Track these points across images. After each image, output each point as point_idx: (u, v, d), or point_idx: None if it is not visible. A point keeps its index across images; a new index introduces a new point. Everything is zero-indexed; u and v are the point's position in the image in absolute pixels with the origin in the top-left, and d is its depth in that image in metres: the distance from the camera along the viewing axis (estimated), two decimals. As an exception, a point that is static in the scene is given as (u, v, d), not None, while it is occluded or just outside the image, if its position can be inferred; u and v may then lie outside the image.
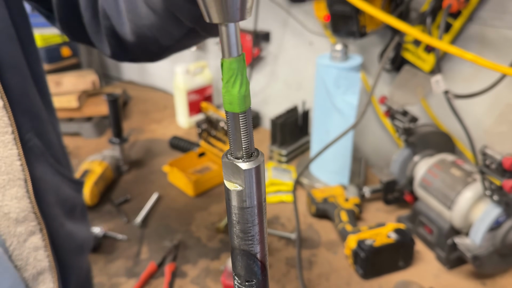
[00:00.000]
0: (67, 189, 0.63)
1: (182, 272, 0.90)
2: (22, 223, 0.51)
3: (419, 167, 0.99)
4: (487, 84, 0.90)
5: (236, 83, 0.28)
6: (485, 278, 0.86)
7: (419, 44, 1.02)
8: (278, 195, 1.13)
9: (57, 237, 0.58)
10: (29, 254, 0.52)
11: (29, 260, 0.52)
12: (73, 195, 0.65)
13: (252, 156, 0.29)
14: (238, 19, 0.27)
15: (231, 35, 0.28)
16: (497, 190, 0.80)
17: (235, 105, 0.29)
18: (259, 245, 0.31)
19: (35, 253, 0.52)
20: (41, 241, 0.53)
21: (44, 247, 0.53)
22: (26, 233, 0.51)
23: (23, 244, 0.51)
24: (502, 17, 0.90)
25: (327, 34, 1.23)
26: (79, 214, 0.68)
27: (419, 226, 0.97)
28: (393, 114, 1.03)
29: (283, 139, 1.29)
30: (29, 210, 0.52)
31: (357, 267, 0.88)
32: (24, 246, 0.51)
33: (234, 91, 0.28)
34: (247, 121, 0.29)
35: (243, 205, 0.29)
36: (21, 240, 0.51)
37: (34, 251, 0.52)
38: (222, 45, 0.28)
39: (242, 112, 0.29)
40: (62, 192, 0.62)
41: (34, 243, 0.52)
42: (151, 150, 1.40)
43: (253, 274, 0.31)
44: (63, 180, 0.62)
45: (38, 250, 0.53)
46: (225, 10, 0.26)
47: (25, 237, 0.51)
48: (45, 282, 0.54)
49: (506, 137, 0.96)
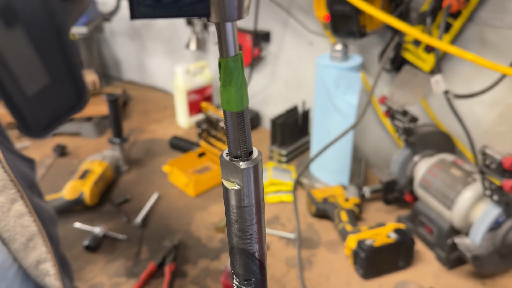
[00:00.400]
0: (23, 167, 0.63)
1: (182, 272, 0.90)
2: (2, 192, 0.51)
3: (419, 167, 0.99)
4: (487, 84, 0.90)
5: (233, 82, 0.28)
6: (485, 278, 0.86)
7: (419, 44, 1.02)
8: (278, 195, 1.13)
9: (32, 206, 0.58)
10: (15, 223, 0.52)
11: (16, 229, 0.52)
12: (29, 173, 0.65)
13: (250, 155, 0.30)
14: (235, 18, 0.27)
15: (228, 34, 0.28)
16: (497, 190, 0.80)
17: (232, 104, 0.29)
18: (257, 244, 0.31)
19: (20, 220, 0.52)
20: (24, 207, 0.53)
21: (28, 213, 0.53)
22: (8, 201, 0.51)
23: (7, 214, 0.51)
24: (502, 17, 0.90)
25: (327, 34, 1.23)
26: (37, 193, 0.68)
27: (419, 226, 0.97)
28: (393, 114, 1.03)
29: (283, 139, 1.29)
30: (6, 179, 0.51)
31: (357, 267, 0.88)
32: (9, 216, 0.51)
33: (231, 90, 0.29)
34: (244, 120, 0.29)
35: (241, 204, 0.29)
36: (4, 210, 0.51)
37: (19, 218, 0.52)
38: (219, 44, 0.28)
39: (239, 111, 0.29)
40: (20, 169, 0.61)
41: (18, 210, 0.52)
42: (151, 150, 1.40)
43: (252, 273, 0.31)
44: (17, 157, 0.62)
45: (23, 216, 0.53)
46: (223, 9, 0.26)
47: (8, 206, 0.51)
48: (36, 247, 0.54)
49: (506, 137, 0.96)
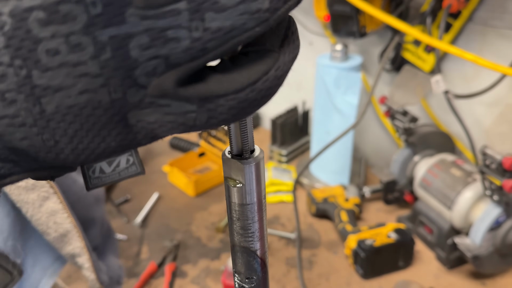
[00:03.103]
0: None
1: (182, 272, 0.90)
2: (32, 190, 0.51)
3: (419, 167, 0.99)
4: (487, 84, 0.90)
5: None
6: (485, 278, 0.86)
7: (419, 44, 1.02)
8: (278, 195, 1.13)
9: (73, 194, 0.58)
10: (48, 219, 0.53)
11: (49, 224, 0.53)
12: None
13: (252, 153, 0.30)
14: None
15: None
16: (497, 190, 0.80)
17: None
18: (259, 242, 0.31)
19: (53, 217, 0.53)
20: (57, 205, 0.53)
21: (62, 209, 0.54)
22: (39, 199, 0.52)
23: (39, 210, 0.52)
24: (502, 17, 0.90)
25: (327, 34, 1.23)
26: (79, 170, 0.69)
27: (419, 226, 0.97)
28: (393, 114, 1.03)
29: (283, 139, 1.29)
30: None
31: (357, 267, 0.88)
32: (41, 212, 0.52)
33: None
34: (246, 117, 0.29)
35: (243, 202, 0.29)
36: (36, 206, 0.52)
37: (52, 215, 0.53)
38: None
39: None
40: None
41: (51, 208, 0.53)
42: (151, 150, 1.40)
43: (253, 271, 0.31)
44: None
45: (56, 214, 0.53)
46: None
47: (39, 202, 0.52)
48: (71, 242, 0.55)
49: (506, 137, 0.96)
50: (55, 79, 0.20)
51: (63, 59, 0.19)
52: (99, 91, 0.20)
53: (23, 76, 0.20)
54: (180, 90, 0.21)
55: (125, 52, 0.20)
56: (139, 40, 0.20)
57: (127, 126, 0.22)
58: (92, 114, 0.21)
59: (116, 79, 0.20)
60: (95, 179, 0.28)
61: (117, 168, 0.29)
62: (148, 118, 0.21)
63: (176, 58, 0.20)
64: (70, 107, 0.20)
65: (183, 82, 0.21)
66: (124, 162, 0.28)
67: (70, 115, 0.21)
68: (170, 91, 0.21)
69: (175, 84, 0.21)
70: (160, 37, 0.20)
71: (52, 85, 0.20)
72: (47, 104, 0.20)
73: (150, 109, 0.21)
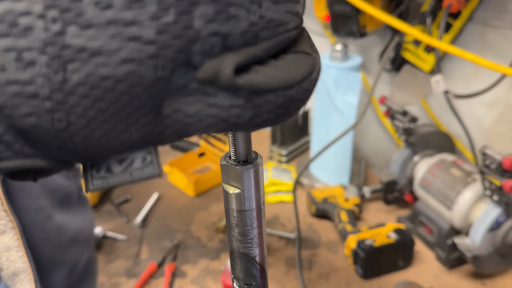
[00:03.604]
0: (56, 178, 0.58)
1: (182, 272, 0.90)
2: None
3: (419, 167, 0.99)
4: (487, 84, 0.90)
5: None
6: (485, 278, 0.86)
7: (419, 44, 1.02)
8: (278, 195, 1.13)
9: (41, 232, 0.54)
10: (1, 254, 0.48)
11: (2, 260, 0.48)
12: (65, 183, 0.60)
13: (250, 159, 0.29)
14: None
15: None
16: (497, 190, 0.80)
17: None
18: (258, 248, 0.31)
19: (7, 253, 0.49)
20: (13, 241, 0.49)
21: (17, 247, 0.49)
22: None
23: None
24: (502, 17, 0.90)
25: (327, 34, 1.23)
26: (76, 201, 0.63)
27: (419, 226, 0.97)
28: (393, 114, 1.03)
29: (283, 139, 1.29)
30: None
31: (357, 267, 0.88)
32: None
33: None
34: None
35: (242, 208, 0.29)
36: None
37: (5, 251, 0.49)
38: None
39: None
40: (51, 182, 0.56)
41: (5, 243, 0.48)
42: (151, 150, 1.40)
43: (252, 277, 0.31)
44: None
45: (10, 250, 0.49)
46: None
47: None
48: (22, 283, 0.50)
49: (506, 137, 0.96)
50: (97, 39, 0.16)
51: (114, 15, 0.16)
52: (145, 63, 0.17)
53: (54, 32, 0.16)
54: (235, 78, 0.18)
55: (190, 19, 0.17)
56: (205, 9, 0.17)
57: (159, 116, 0.18)
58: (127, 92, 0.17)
59: (169, 50, 0.17)
60: (98, 179, 0.23)
61: (130, 167, 0.23)
62: (187, 109, 0.18)
63: (233, 40, 0.18)
64: (103, 79, 0.17)
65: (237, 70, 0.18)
66: (139, 161, 0.23)
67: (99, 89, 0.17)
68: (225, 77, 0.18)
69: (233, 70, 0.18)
70: (223, 11, 0.17)
71: (90, 47, 0.16)
72: (74, 72, 0.16)
73: (193, 98, 0.18)
